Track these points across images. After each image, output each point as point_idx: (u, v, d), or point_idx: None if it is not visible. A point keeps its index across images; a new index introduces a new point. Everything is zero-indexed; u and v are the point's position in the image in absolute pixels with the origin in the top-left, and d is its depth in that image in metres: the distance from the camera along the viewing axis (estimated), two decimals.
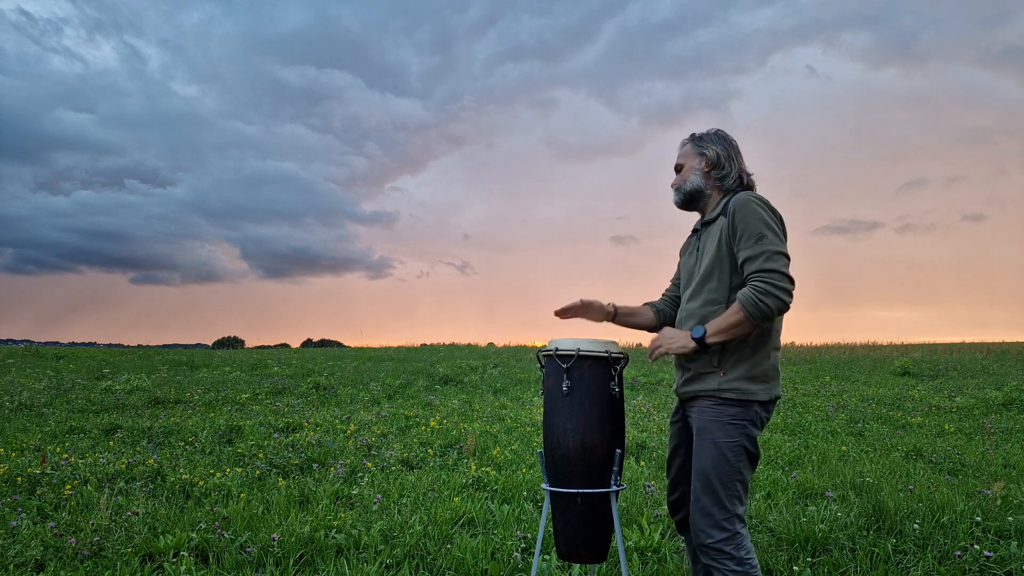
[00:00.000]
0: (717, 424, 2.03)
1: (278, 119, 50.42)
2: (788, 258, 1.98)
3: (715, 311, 2.09)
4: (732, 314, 1.99)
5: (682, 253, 2.45)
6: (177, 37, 50.26)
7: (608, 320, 2.45)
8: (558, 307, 2.39)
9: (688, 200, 2.28)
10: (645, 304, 2.50)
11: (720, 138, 2.27)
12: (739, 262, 2.04)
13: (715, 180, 2.23)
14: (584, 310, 2.40)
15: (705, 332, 2.03)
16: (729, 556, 1.97)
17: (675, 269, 2.52)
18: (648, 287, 2.51)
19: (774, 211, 2.08)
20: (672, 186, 2.33)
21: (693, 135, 2.32)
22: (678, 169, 2.32)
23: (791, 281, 1.95)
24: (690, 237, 2.40)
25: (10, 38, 44.66)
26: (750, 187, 2.25)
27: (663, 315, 2.46)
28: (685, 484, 2.27)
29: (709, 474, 2.01)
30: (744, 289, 1.98)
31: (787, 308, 1.95)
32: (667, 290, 2.53)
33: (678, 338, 2.11)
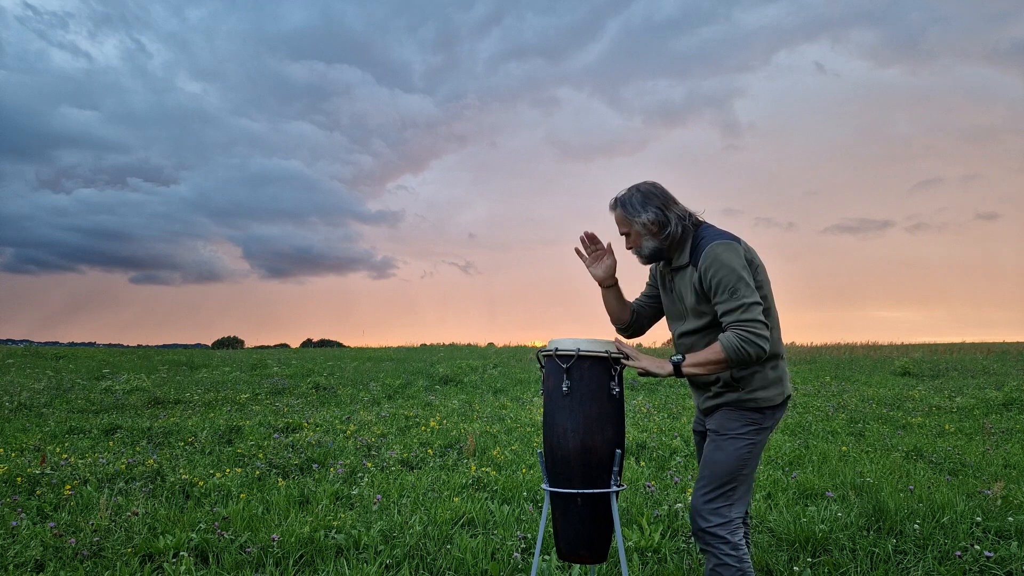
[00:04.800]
0: (737, 424, 2.18)
1: (283, 116, 50.34)
2: (761, 304, 2.09)
3: (713, 341, 2.16)
4: (713, 353, 2.09)
5: (656, 280, 2.51)
6: (182, 33, 50.22)
7: (606, 286, 2.47)
8: (589, 233, 2.41)
9: (653, 259, 2.36)
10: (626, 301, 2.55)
11: (646, 198, 2.25)
12: (718, 312, 2.14)
13: (663, 239, 2.27)
14: (603, 256, 2.42)
15: (683, 361, 2.14)
16: (725, 540, 2.09)
17: (645, 282, 2.59)
18: None
19: (741, 254, 2.14)
20: (628, 250, 2.38)
21: (617, 200, 2.32)
22: (625, 235, 2.35)
23: (767, 327, 2.08)
24: (662, 270, 2.44)
25: (14, 33, 44.56)
26: (698, 224, 2.28)
27: (637, 316, 2.53)
28: None
29: (722, 467, 2.15)
30: (728, 334, 2.08)
31: (765, 354, 2.08)
32: (642, 295, 2.58)
33: (656, 362, 2.21)
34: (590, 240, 2.45)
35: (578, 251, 2.48)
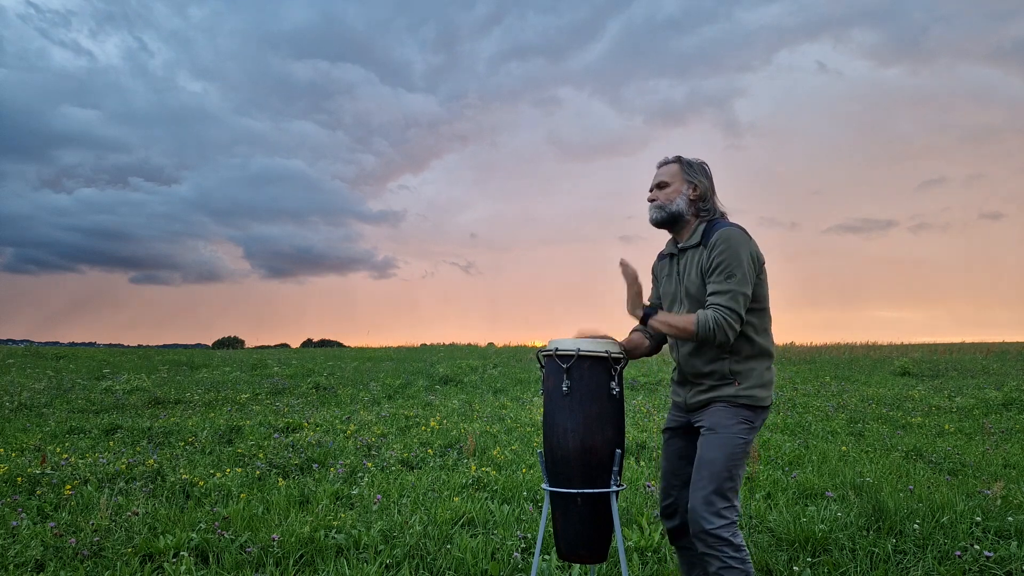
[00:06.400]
0: (732, 422, 2.18)
1: (285, 115, 50.27)
2: (748, 298, 2.16)
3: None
4: (686, 322, 2.18)
5: (657, 275, 2.51)
6: (184, 32, 50.19)
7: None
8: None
9: (669, 221, 2.36)
10: (634, 331, 2.50)
11: (706, 172, 2.38)
12: (708, 291, 2.19)
13: (697, 210, 2.34)
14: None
15: (654, 315, 2.30)
16: (727, 543, 2.07)
17: (650, 289, 2.57)
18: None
19: (752, 249, 2.21)
20: (651, 201, 2.37)
21: (680, 159, 2.38)
22: (662, 186, 2.36)
23: (741, 322, 2.16)
24: (662, 260, 2.47)
25: (15, 31, 44.46)
26: (717, 216, 2.35)
27: (655, 338, 2.49)
28: (679, 491, 2.35)
29: (719, 465, 2.13)
30: (708, 311, 2.15)
31: (727, 344, 2.17)
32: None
33: (635, 304, 2.37)
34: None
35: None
